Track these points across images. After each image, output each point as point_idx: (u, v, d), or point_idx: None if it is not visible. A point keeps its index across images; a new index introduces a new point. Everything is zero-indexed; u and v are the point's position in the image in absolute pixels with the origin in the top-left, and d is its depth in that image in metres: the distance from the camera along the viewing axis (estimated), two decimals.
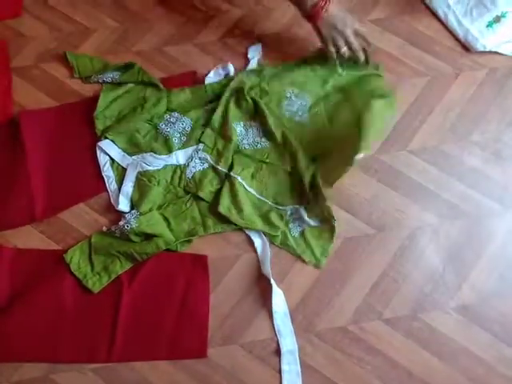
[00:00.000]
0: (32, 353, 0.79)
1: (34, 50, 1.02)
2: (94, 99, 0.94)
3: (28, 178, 0.88)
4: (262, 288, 0.84)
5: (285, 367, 0.79)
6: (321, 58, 0.98)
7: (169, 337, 0.80)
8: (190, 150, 0.92)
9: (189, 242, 0.86)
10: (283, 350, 0.80)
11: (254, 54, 1.00)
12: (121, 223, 0.83)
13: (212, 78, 0.98)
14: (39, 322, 0.80)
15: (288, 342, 0.80)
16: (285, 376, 0.79)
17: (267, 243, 0.85)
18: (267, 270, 0.83)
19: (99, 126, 0.93)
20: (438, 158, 0.94)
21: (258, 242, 0.86)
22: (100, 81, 0.97)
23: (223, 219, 0.86)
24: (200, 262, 0.85)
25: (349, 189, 0.91)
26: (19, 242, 0.86)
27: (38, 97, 0.98)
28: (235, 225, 0.86)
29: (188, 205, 0.87)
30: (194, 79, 0.99)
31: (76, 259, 0.83)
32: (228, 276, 0.85)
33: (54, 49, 1.02)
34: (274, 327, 0.81)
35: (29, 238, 0.86)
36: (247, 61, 1.00)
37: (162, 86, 0.96)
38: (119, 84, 0.97)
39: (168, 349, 0.80)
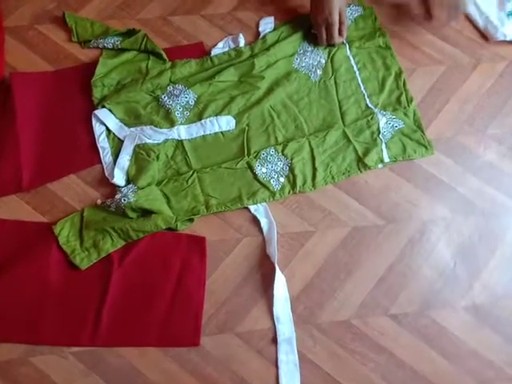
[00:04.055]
0: (10, 332, 0.73)
1: (30, 10, 0.96)
2: (93, 65, 0.89)
3: (17, 144, 0.83)
4: (262, 275, 0.79)
5: (282, 357, 0.74)
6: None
7: (160, 322, 0.75)
8: (193, 126, 0.86)
9: (190, 220, 0.80)
10: (280, 338, 0.75)
11: (266, 27, 0.95)
12: (117, 197, 0.78)
13: (220, 49, 0.92)
14: (19, 298, 0.74)
15: (286, 330, 0.75)
16: (282, 367, 0.74)
17: (274, 222, 0.80)
18: (273, 250, 0.78)
19: (96, 94, 0.87)
20: (454, 150, 0.89)
21: (264, 221, 0.81)
22: (100, 46, 0.92)
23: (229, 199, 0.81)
24: (197, 243, 0.79)
25: (359, 178, 0.86)
26: (2, 212, 0.80)
27: (32, 59, 0.92)
28: (240, 204, 0.81)
29: (190, 182, 0.82)
30: (201, 51, 0.93)
31: (65, 232, 0.77)
32: (227, 260, 0.80)
33: (51, 10, 0.96)
34: (272, 314, 0.76)
35: (13, 208, 0.81)
36: (258, 34, 0.95)
37: (165, 55, 0.90)
38: (120, 51, 0.91)
39: (158, 335, 0.75)
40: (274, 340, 0.75)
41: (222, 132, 0.86)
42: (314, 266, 0.80)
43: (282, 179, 0.83)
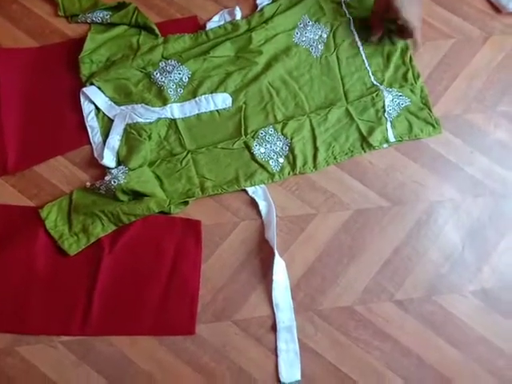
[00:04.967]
0: None
1: None
2: (81, 41, 0.84)
3: (0, 124, 0.78)
4: (261, 260, 0.75)
5: (282, 346, 0.71)
6: None
7: (153, 310, 0.72)
8: (186, 104, 0.82)
9: (184, 204, 0.76)
10: (280, 326, 0.72)
11: (264, 0, 0.90)
12: (107, 178, 0.74)
13: (216, 23, 0.87)
14: (5, 286, 0.71)
15: (286, 318, 0.72)
16: (281, 355, 0.71)
17: (273, 205, 0.76)
18: (272, 234, 0.75)
19: (85, 70, 0.83)
20: (462, 129, 0.85)
21: (262, 204, 0.77)
22: (88, 20, 0.87)
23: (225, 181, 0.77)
24: (192, 227, 0.76)
25: (363, 157, 0.82)
26: None
27: (16, 35, 0.87)
28: (238, 186, 0.77)
29: (184, 163, 0.78)
30: (195, 25, 0.88)
31: (53, 216, 0.74)
32: (223, 245, 0.76)
33: None
34: (271, 300, 0.73)
35: None
36: (256, 7, 0.89)
37: (157, 30, 0.85)
38: (110, 25, 0.86)
39: (152, 323, 0.71)
40: (274, 328, 0.72)
41: (217, 110, 0.82)
42: (315, 251, 0.76)
43: (281, 160, 0.79)
